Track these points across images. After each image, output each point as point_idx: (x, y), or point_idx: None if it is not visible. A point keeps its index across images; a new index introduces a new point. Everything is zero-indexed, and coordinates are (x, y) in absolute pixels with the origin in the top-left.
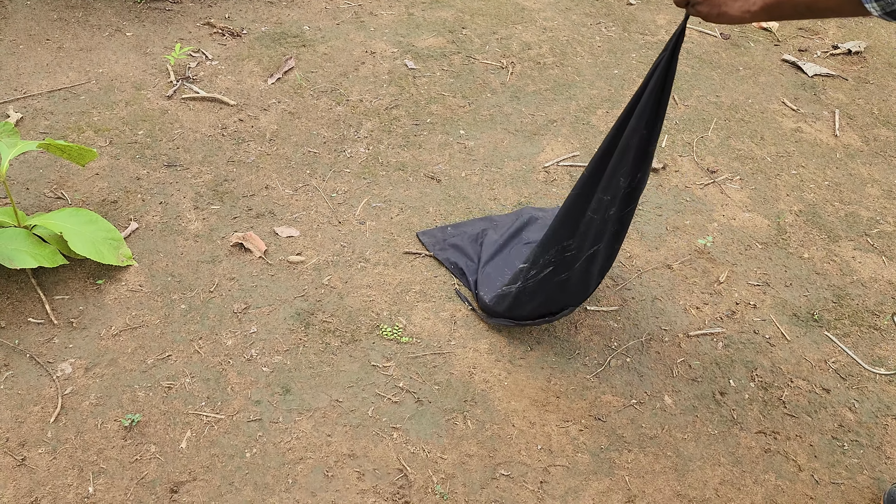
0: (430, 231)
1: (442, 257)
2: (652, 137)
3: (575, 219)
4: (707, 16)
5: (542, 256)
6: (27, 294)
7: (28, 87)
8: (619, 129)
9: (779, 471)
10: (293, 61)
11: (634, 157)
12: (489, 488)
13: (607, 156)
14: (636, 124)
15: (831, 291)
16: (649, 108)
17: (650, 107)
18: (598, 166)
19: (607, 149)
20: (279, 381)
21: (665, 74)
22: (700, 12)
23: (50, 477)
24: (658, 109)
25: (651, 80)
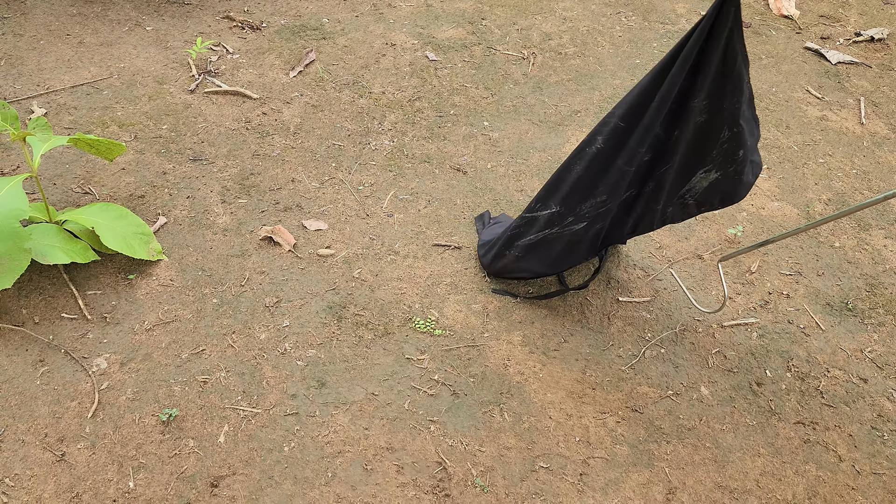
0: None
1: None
2: (692, 90)
3: (605, 171)
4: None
5: (576, 207)
6: (59, 290)
7: (50, 83)
8: (655, 81)
9: (819, 461)
10: (314, 54)
11: (671, 110)
12: (529, 481)
13: (642, 109)
14: (676, 75)
15: (864, 280)
16: (693, 57)
17: (694, 56)
18: (632, 118)
19: (641, 101)
20: (314, 374)
21: (715, 24)
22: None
23: (90, 472)
24: (704, 60)
25: (696, 30)
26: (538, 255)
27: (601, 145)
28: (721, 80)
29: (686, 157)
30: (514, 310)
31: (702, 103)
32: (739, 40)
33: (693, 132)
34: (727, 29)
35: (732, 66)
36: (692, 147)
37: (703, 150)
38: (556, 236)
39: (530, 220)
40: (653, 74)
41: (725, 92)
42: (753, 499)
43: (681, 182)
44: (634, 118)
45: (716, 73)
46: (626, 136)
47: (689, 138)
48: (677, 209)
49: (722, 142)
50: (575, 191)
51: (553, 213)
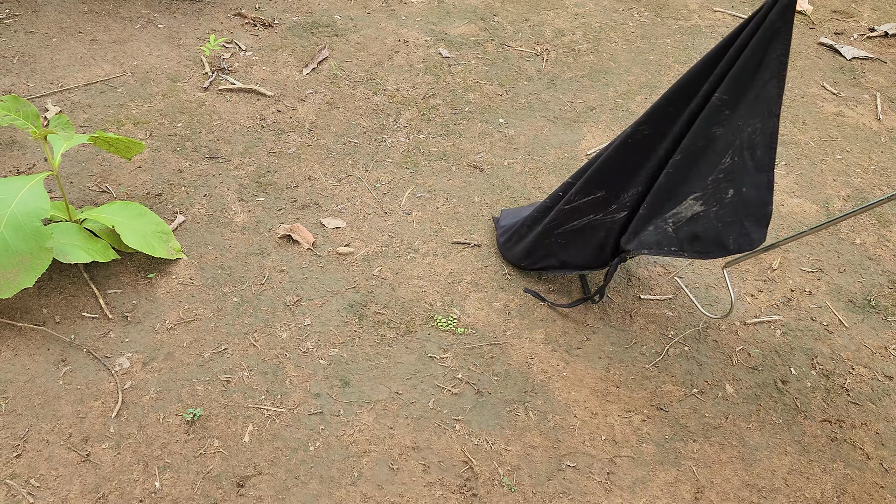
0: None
1: None
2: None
3: (649, 158)
4: None
5: (619, 194)
6: (80, 289)
7: (64, 81)
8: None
9: (846, 459)
10: (327, 51)
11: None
12: (556, 480)
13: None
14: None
15: (886, 277)
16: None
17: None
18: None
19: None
20: (337, 373)
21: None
22: None
23: (115, 472)
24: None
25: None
26: (577, 244)
27: (648, 131)
28: (747, 87)
29: (688, 167)
30: (536, 308)
31: (722, 102)
32: (781, 53)
33: (703, 141)
34: (775, 30)
35: (764, 77)
36: (695, 160)
37: (702, 170)
38: (599, 223)
39: (570, 210)
40: (705, 59)
41: (745, 105)
42: (782, 497)
43: (672, 198)
44: (681, 102)
45: (746, 76)
46: (674, 121)
47: (698, 146)
48: (655, 231)
49: (720, 169)
50: (619, 176)
51: (596, 198)
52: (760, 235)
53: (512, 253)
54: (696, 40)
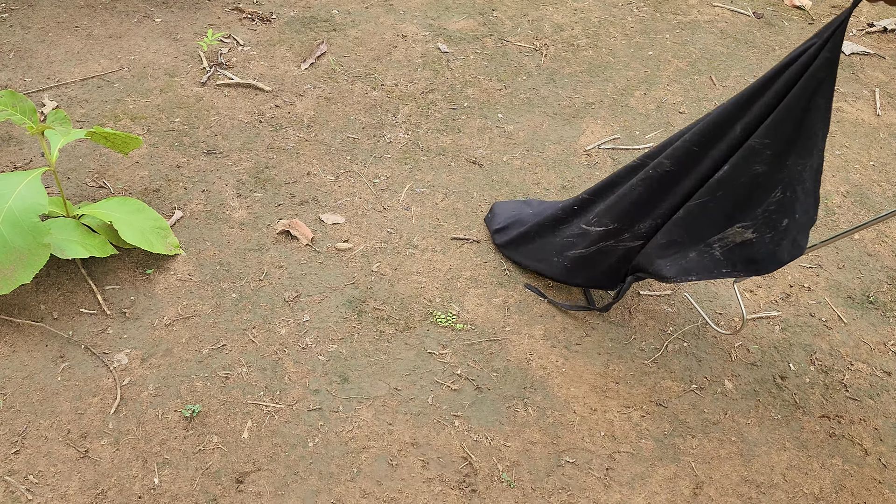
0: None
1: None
2: (756, 128)
3: (669, 192)
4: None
5: (634, 225)
6: (78, 285)
7: (60, 76)
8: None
9: (845, 455)
10: (325, 46)
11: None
12: (555, 475)
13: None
14: (759, 141)
15: (885, 273)
16: (777, 94)
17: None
18: (707, 143)
19: (720, 125)
20: (336, 369)
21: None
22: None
23: (114, 468)
24: (783, 103)
25: (789, 67)
26: (586, 268)
27: (670, 168)
28: (793, 133)
29: (730, 201)
30: (535, 304)
31: (763, 146)
32: (826, 98)
33: (746, 178)
34: (818, 81)
35: (811, 123)
36: (740, 194)
37: (749, 203)
38: (611, 248)
39: (585, 233)
40: (736, 100)
41: (794, 149)
42: (780, 493)
43: (715, 226)
44: (709, 143)
45: (790, 123)
46: (699, 159)
47: (739, 182)
48: (699, 258)
49: (770, 202)
50: (637, 210)
51: (609, 229)
52: (807, 239)
53: (518, 252)
54: (696, 35)
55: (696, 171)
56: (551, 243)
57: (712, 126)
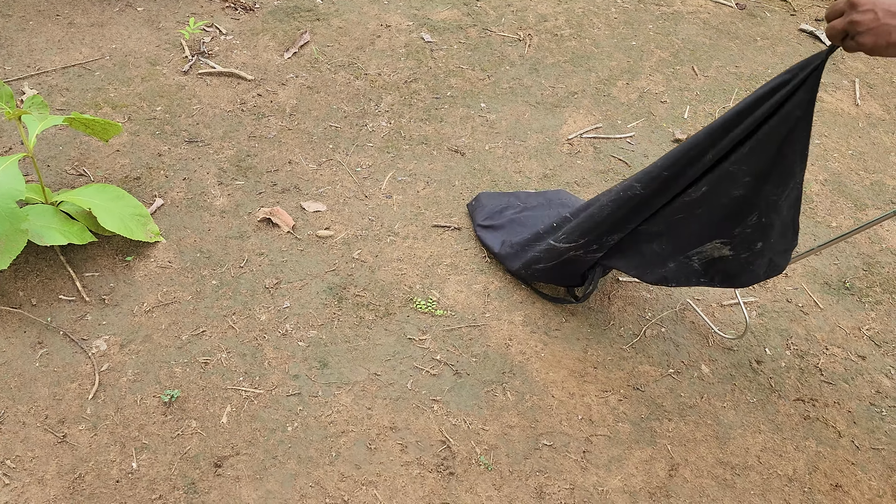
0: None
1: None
2: (732, 154)
3: (639, 212)
4: (872, 48)
5: (603, 238)
6: (57, 271)
7: (41, 64)
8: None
9: (819, 437)
10: (308, 35)
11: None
12: (532, 458)
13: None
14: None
15: (861, 259)
16: (753, 125)
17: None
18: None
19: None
20: (316, 355)
21: (785, 104)
22: (863, 44)
23: (92, 453)
24: (760, 133)
25: (767, 99)
26: (555, 273)
27: (640, 191)
28: (769, 166)
29: (709, 219)
30: (515, 290)
31: (742, 172)
32: (803, 136)
33: (727, 200)
34: (795, 119)
35: (787, 159)
36: (719, 214)
37: (727, 224)
38: (577, 258)
39: (552, 249)
40: (708, 131)
41: (770, 178)
42: (755, 474)
43: (694, 241)
44: (680, 170)
45: (766, 155)
46: (668, 184)
47: (718, 202)
48: (678, 268)
49: (747, 225)
50: (605, 227)
51: (578, 244)
52: (786, 262)
53: (501, 260)
54: (679, 26)
55: (665, 196)
56: (523, 258)
57: (683, 154)
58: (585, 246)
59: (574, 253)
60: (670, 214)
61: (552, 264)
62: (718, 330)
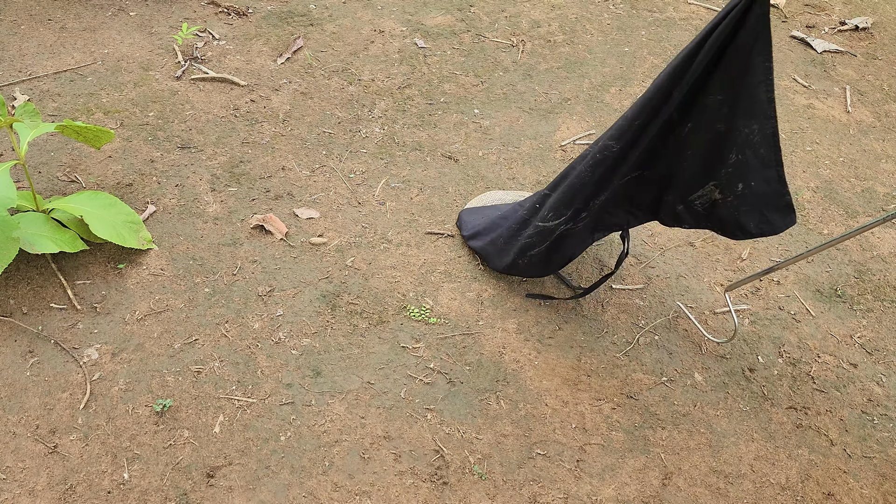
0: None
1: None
2: (708, 86)
3: (619, 168)
4: None
5: (589, 203)
6: (48, 280)
7: (32, 69)
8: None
9: (811, 445)
10: (302, 41)
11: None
12: (526, 468)
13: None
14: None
15: (852, 267)
16: (713, 52)
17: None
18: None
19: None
20: (309, 363)
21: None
22: None
23: (83, 464)
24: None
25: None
26: (553, 254)
27: (616, 147)
28: (738, 90)
29: (701, 159)
30: (509, 298)
31: (717, 102)
32: (764, 57)
33: (710, 136)
34: (755, 35)
35: (752, 84)
36: (707, 151)
37: (714, 162)
38: (569, 231)
39: (543, 230)
40: (671, 68)
41: (739, 109)
42: (748, 483)
43: (693, 184)
44: (650, 114)
45: (734, 80)
46: (640, 132)
47: (704, 140)
48: (687, 211)
49: (729, 164)
50: (588, 190)
51: (566, 216)
52: (785, 222)
53: (494, 264)
54: (671, 32)
55: (642, 143)
56: (514, 247)
57: (650, 100)
58: (574, 216)
59: (565, 227)
60: (667, 158)
61: (546, 245)
62: (709, 335)
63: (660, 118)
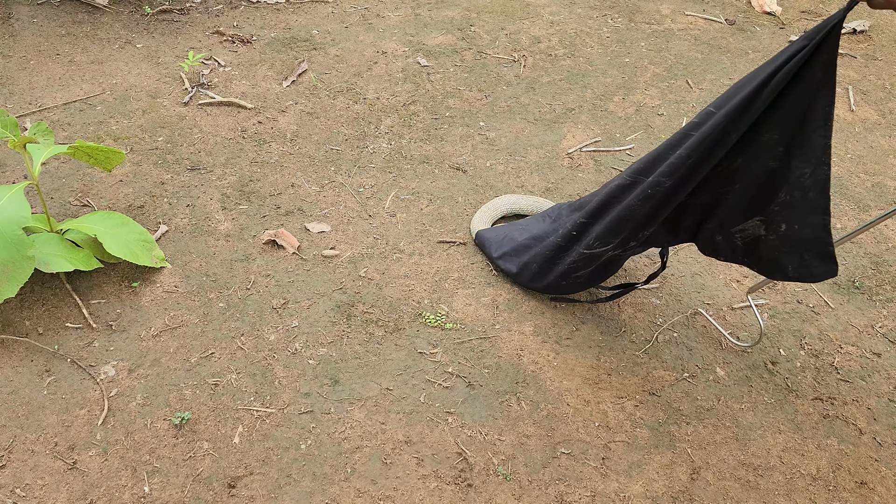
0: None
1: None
2: (765, 123)
3: (669, 203)
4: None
5: (638, 234)
6: (62, 300)
7: (43, 101)
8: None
9: (840, 435)
10: (306, 64)
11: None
12: (551, 467)
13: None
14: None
15: (868, 259)
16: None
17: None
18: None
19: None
20: (326, 372)
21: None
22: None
23: (103, 479)
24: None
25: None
26: (597, 274)
27: (668, 184)
28: (794, 132)
29: (748, 193)
30: (524, 301)
31: (773, 141)
32: (826, 102)
33: (761, 172)
34: (816, 83)
35: (810, 127)
36: (756, 186)
37: (763, 197)
38: (617, 256)
39: (591, 255)
40: (728, 111)
41: (794, 150)
42: (778, 474)
43: (738, 216)
44: (705, 153)
45: (793, 122)
46: (693, 170)
47: (755, 174)
48: (726, 243)
49: (776, 202)
50: (638, 223)
51: (614, 244)
52: (824, 271)
53: (529, 284)
54: (670, 43)
55: (694, 179)
56: (554, 271)
57: (705, 137)
58: (623, 244)
59: (613, 253)
60: (714, 187)
61: (593, 268)
62: (733, 337)
63: (714, 158)
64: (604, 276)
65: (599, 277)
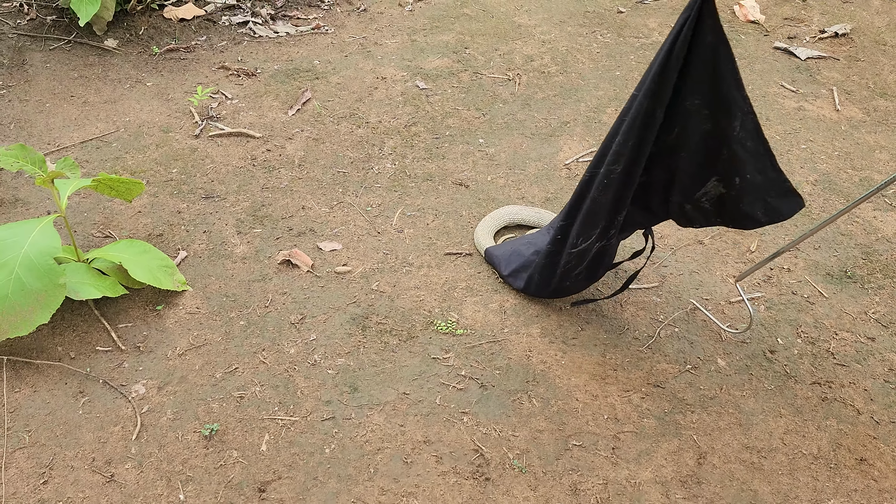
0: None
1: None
2: (684, 91)
3: (629, 186)
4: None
5: (613, 221)
6: (92, 325)
7: (60, 141)
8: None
9: (839, 416)
10: (309, 93)
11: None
12: (564, 458)
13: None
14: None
15: (859, 249)
16: (680, 61)
17: (681, 61)
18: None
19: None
20: (345, 380)
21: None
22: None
23: (140, 489)
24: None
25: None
26: (595, 265)
27: (619, 170)
28: (711, 93)
29: (696, 157)
30: (530, 306)
31: (696, 106)
32: (726, 57)
33: (698, 137)
34: (713, 47)
35: (720, 83)
36: (700, 149)
37: (710, 158)
38: (604, 247)
39: (580, 252)
40: (650, 92)
41: (716, 109)
42: (781, 455)
43: (695, 182)
44: (640, 132)
45: (706, 82)
46: (636, 151)
47: (694, 140)
48: (695, 210)
49: (722, 160)
50: (607, 211)
51: (595, 236)
52: (791, 206)
53: (540, 294)
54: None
55: (641, 160)
56: (554, 276)
57: (634, 120)
58: (603, 234)
59: (599, 244)
60: (664, 162)
61: (587, 262)
62: (726, 326)
63: (650, 135)
64: (601, 267)
65: (599, 270)
